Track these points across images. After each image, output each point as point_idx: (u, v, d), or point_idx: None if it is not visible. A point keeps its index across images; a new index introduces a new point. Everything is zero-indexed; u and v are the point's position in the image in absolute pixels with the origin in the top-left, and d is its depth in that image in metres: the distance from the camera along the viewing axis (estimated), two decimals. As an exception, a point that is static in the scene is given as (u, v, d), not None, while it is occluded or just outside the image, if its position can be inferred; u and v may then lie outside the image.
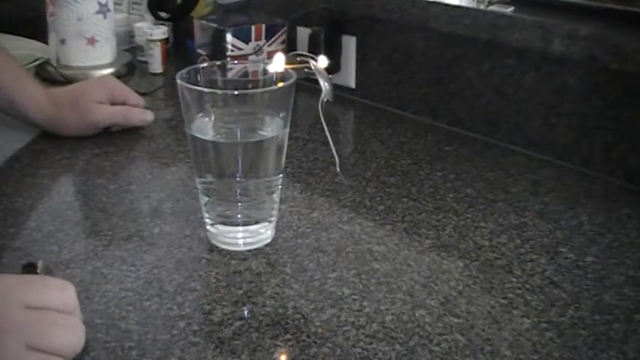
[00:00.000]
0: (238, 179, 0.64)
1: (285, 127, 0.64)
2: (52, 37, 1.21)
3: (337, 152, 0.63)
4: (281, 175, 0.66)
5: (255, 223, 0.66)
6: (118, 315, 0.57)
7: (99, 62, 1.18)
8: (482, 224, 0.72)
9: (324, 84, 0.62)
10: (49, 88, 0.94)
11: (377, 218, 0.73)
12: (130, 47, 1.33)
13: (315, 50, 1.04)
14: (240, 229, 0.66)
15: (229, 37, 1.07)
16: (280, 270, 0.63)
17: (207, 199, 0.66)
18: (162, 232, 0.70)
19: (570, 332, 0.55)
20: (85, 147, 0.90)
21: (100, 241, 0.68)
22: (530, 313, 0.58)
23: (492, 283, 0.62)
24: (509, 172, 0.84)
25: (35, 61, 1.17)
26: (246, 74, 0.70)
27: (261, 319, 0.57)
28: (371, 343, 0.54)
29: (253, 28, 1.08)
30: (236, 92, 0.62)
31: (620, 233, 0.70)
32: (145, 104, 0.98)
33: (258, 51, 1.10)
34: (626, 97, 0.80)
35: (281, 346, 0.54)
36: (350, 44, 1.08)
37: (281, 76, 0.64)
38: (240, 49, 1.08)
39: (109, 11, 1.17)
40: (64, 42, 1.16)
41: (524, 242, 0.68)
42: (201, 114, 0.63)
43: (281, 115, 0.63)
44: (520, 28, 0.84)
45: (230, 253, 0.66)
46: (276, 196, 0.67)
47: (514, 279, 0.62)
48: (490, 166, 0.86)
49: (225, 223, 0.66)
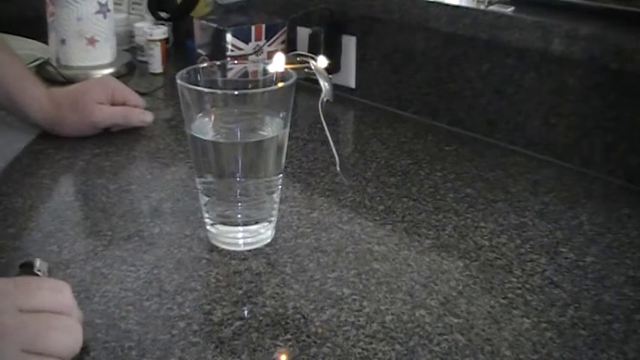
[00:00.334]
0: (238, 179, 0.64)
1: (285, 127, 0.64)
2: (52, 37, 1.21)
3: (337, 152, 0.63)
4: (281, 175, 0.66)
5: (255, 223, 0.66)
6: (118, 315, 0.57)
7: (99, 62, 1.18)
8: (482, 224, 0.72)
9: (324, 84, 0.62)
10: (49, 88, 0.94)
11: (377, 218, 0.73)
12: (130, 47, 1.33)
13: (315, 50, 1.04)
14: (240, 229, 0.66)
15: (229, 37, 1.07)
16: (280, 270, 0.63)
17: (207, 199, 0.66)
18: (162, 232, 0.70)
19: (570, 332, 0.55)
20: (85, 147, 0.90)
21: (100, 241, 0.68)
22: (530, 313, 0.58)
23: (492, 283, 0.62)
24: (509, 172, 0.84)
25: (35, 61, 1.17)
26: (246, 74, 0.70)
27: (261, 319, 0.57)
28: (371, 343, 0.54)
29: (253, 28, 1.08)
30: (236, 92, 0.62)
31: (620, 233, 0.70)
32: (145, 104, 0.98)
33: (258, 51, 1.10)
34: (626, 97, 0.80)
35: (281, 346, 0.54)
36: (350, 44, 1.08)
37: (281, 76, 0.64)
38: (240, 49, 1.08)
39: (109, 11, 1.17)
40: (64, 42, 1.16)
41: (524, 242, 0.68)
42: (201, 114, 0.63)
43: (281, 115, 0.63)
44: (520, 28, 0.84)
45: (230, 253, 0.66)
46: (276, 196, 0.67)
47: (514, 279, 0.62)
48: (490, 166, 0.86)
49: (225, 223, 0.66)
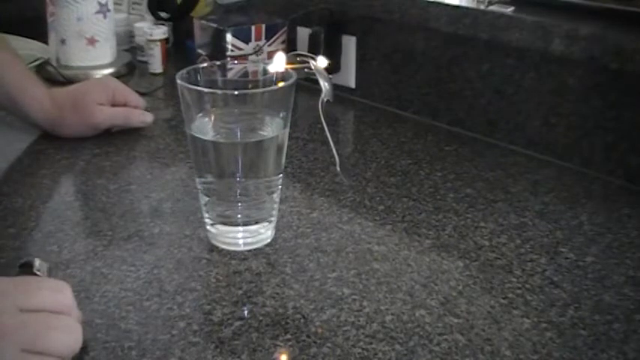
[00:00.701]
0: (238, 179, 0.64)
1: (285, 127, 0.64)
2: (52, 37, 1.21)
3: (337, 152, 0.63)
4: (281, 175, 0.66)
5: (255, 223, 0.66)
6: (118, 315, 0.57)
7: (99, 62, 1.18)
8: (482, 224, 0.72)
9: (324, 84, 0.62)
10: (50, 89, 0.94)
11: (377, 218, 0.73)
12: (130, 47, 1.33)
13: (315, 50, 1.04)
14: (240, 229, 0.66)
15: (229, 37, 1.07)
16: (280, 270, 0.63)
17: (207, 199, 0.66)
18: (162, 232, 0.70)
19: (570, 332, 0.55)
20: (85, 147, 0.90)
21: (100, 241, 0.68)
22: (530, 313, 0.58)
23: (492, 283, 0.62)
24: (509, 172, 0.84)
25: (35, 61, 1.17)
26: (246, 74, 0.70)
27: (261, 319, 0.57)
28: (371, 343, 0.54)
29: (253, 28, 1.08)
30: (236, 92, 0.62)
31: (620, 233, 0.70)
32: (146, 105, 0.98)
33: (258, 51, 1.10)
34: (626, 97, 0.80)
35: (281, 346, 0.54)
36: (350, 44, 1.08)
37: (281, 76, 0.64)
38: (240, 49, 1.08)
39: (109, 11, 1.17)
40: (64, 42, 1.16)
41: (524, 242, 0.68)
42: (201, 114, 0.63)
43: (281, 115, 0.63)
44: (520, 28, 0.84)
45: (230, 253, 0.66)
46: (276, 196, 0.67)
47: (514, 279, 0.62)
48: (490, 166, 0.86)
49: (225, 223, 0.66)
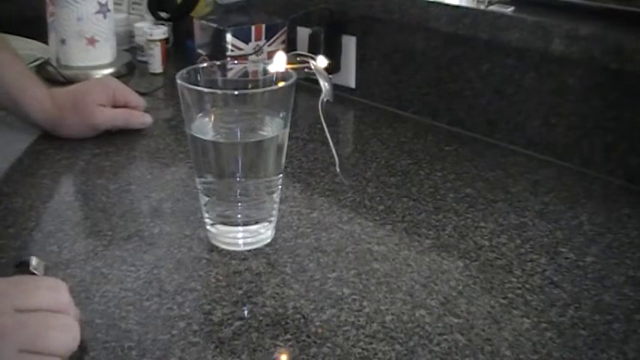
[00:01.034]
0: (238, 179, 0.64)
1: (285, 127, 0.64)
2: (52, 37, 1.21)
3: (337, 152, 0.63)
4: (281, 175, 0.66)
5: (255, 223, 0.66)
6: (118, 315, 0.57)
7: (99, 62, 1.18)
8: (482, 224, 0.72)
9: (324, 84, 0.62)
10: (50, 89, 0.94)
11: (377, 218, 0.73)
12: (130, 47, 1.33)
13: (315, 50, 1.04)
14: (240, 229, 0.66)
15: (229, 37, 1.07)
16: (280, 270, 0.63)
17: (207, 199, 0.66)
18: (162, 232, 0.70)
19: (570, 332, 0.55)
20: (85, 147, 0.90)
21: (100, 241, 0.68)
22: (530, 313, 0.58)
23: (492, 283, 0.62)
24: (509, 172, 0.84)
25: (35, 61, 1.16)
26: (246, 74, 0.70)
27: (261, 319, 0.57)
28: (371, 343, 0.54)
29: (253, 28, 1.08)
30: (236, 92, 0.62)
31: (620, 233, 0.70)
32: (146, 105, 0.98)
33: (258, 51, 1.10)
34: (626, 97, 0.80)
35: (281, 346, 0.54)
36: (350, 44, 1.08)
37: (281, 76, 0.64)
38: (240, 49, 1.08)
39: (109, 11, 1.17)
40: (64, 42, 1.16)
41: (524, 242, 0.68)
42: (201, 114, 0.63)
43: (281, 115, 0.63)
44: (520, 28, 0.84)
45: (230, 253, 0.66)
46: (276, 196, 0.67)
47: (514, 279, 0.62)
48: (490, 166, 0.86)
49: (225, 223, 0.66)
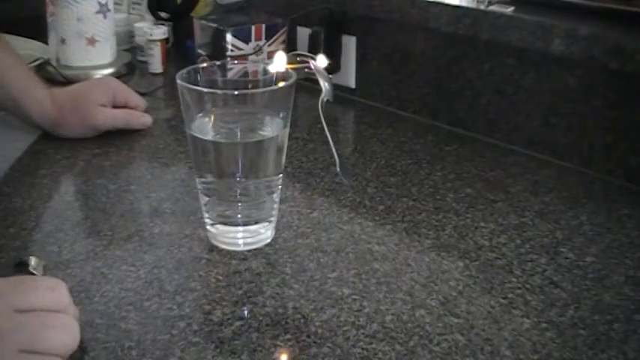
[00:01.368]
0: (238, 179, 0.64)
1: (285, 127, 0.64)
2: (52, 37, 1.21)
3: (337, 152, 0.63)
4: (281, 175, 0.66)
5: (255, 223, 0.66)
6: (118, 315, 0.57)
7: (99, 62, 1.18)
8: (482, 224, 0.72)
9: (324, 84, 0.62)
10: (51, 89, 0.94)
11: (377, 218, 0.73)
12: (130, 47, 1.33)
13: (315, 50, 1.04)
14: (240, 229, 0.66)
15: (229, 37, 1.07)
16: (280, 270, 0.63)
17: (207, 199, 0.66)
18: (162, 232, 0.70)
19: (570, 332, 0.55)
20: (85, 147, 0.90)
21: (100, 241, 0.68)
22: (530, 313, 0.58)
23: (492, 283, 0.62)
24: (509, 172, 0.84)
25: (35, 61, 1.16)
26: (246, 74, 0.70)
27: (261, 319, 0.57)
28: (371, 343, 0.54)
29: (253, 28, 1.08)
30: (236, 92, 0.62)
31: (620, 233, 0.70)
32: (146, 105, 0.98)
33: (258, 51, 1.10)
34: (626, 97, 0.80)
35: (281, 346, 0.54)
36: (350, 44, 1.08)
37: (281, 76, 0.64)
38: (240, 49, 1.08)
39: (109, 11, 1.17)
40: (64, 42, 1.16)
41: (524, 242, 0.68)
42: (201, 114, 0.63)
43: (281, 115, 0.63)
44: (520, 28, 0.84)
45: (230, 253, 0.66)
46: (276, 196, 0.67)
47: (514, 279, 0.62)
48: (490, 166, 0.86)
49: (225, 223, 0.66)
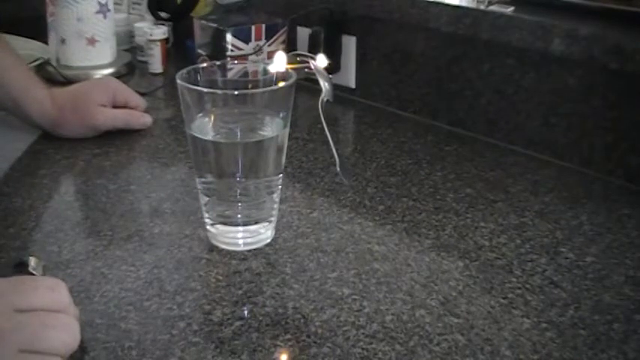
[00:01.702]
0: (238, 179, 0.64)
1: (285, 127, 0.64)
2: (52, 37, 1.21)
3: (337, 152, 0.63)
4: (281, 175, 0.66)
5: (255, 223, 0.66)
6: (118, 315, 0.57)
7: (99, 62, 1.18)
8: (483, 224, 0.72)
9: (324, 84, 0.62)
10: (51, 89, 0.94)
11: (377, 218, 0.73)
12: (130, 47, 1.33)
13: (315, 50, 1.04)
14: (240, 229, 0.66)
15: (229, 37, 1.07)
16: (280, 270, 0.63)
17: (207, 199, 0.66)
18: (162, 232, 0.70)
19: (570, 332, 0.55)
20: (85, 147, 0.90)
21: (100, 241, 0.68)
22: (530, 313, 0.58)
23: (492, 283, 0.62)
24: (509, 172, 0.84)
25: (35, 61, 1.16)
26: (246, 74, 0.70)
27: (261, 319, 0.57)
28: (371, 343, 0.54)
29: (253, 28, 1.08)
30: (236, 92, 0.62)
31: (620, 233, 0.70)
32: (146, 105, 0.98)
33: (258, 51, 1.10)
34: (626, 97, 0.80)
35: (281, 346, 0.54)
36: (350, 44, 1.08)
37: (281, 76, 0.64)
38: (240, 49, 1.08)
39: (109, 11, 1.17)
40: (64, 42, 1.16)
41: (524, 242, 0.68)
42: (201, 114, 0.63)
43: (281, 115, 0.63)
44: (520, 28, 0.84)
45: (230, 253, 0.66)
46: (276, 196, 0.67)
47: (514, 279, 0.62)
48: (490, 166, 0.86)
49: (225, 223, 0.66)
